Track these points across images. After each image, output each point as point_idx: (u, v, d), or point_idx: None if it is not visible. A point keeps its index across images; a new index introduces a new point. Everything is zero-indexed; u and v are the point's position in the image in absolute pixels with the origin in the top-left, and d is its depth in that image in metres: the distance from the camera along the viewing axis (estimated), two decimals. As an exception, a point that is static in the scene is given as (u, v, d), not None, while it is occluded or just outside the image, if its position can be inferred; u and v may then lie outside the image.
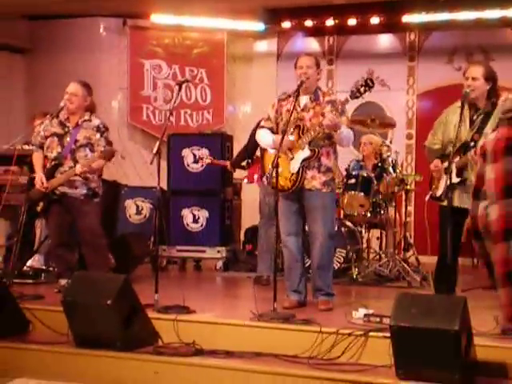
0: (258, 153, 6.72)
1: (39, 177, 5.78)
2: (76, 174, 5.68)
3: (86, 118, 5.83)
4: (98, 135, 5.79)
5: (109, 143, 5.81)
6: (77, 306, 4.58)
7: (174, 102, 5.72)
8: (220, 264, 7.71)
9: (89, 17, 9.13)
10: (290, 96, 5.24)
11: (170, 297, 5.20)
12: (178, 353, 4.46)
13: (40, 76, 9.33)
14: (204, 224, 7.76)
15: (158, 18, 9.06)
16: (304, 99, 5.22)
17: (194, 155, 7.79)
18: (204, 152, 7.58)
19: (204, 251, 7.72)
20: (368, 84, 4.92)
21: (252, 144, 6.83)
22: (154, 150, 5.22)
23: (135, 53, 9.35)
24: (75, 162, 5.73)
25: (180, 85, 5.68)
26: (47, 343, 4.72)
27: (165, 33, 9.38)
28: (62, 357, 4.61)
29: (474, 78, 4.67)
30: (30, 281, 6.29)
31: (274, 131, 5.26)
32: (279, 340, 4.50)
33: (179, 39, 9.45)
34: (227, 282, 7.22)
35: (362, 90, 4.94)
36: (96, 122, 5.85)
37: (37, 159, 5.90)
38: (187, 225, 7.80)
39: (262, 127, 5.36)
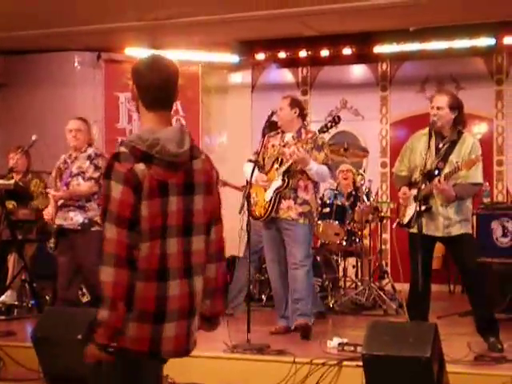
0: None
1: (47, 210, 5.78)
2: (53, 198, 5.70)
3: (83, 150, 5.80)
4: (87, 162, 5.74)
5: (97, 168, 5.69)
6: (47, 342, 4.50)
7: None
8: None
9: (63, 51, 9.12)
10: (278, 133, 5.63)
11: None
12: (151, 387, 4.40)
13: (15, 110, 9.28)
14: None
15: (133, 51, 9.08)
16: (288, 136, 5.55)
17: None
18: None
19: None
20: (335, 120, 5.35)
21: None
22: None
23: (110, 86, 9.34)
24: None
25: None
26: (18, 380, 4.67)
27: (139, 66, 9.40)
28: (33, 394, 4.55)
29: (438, 108, 4.71)
30: (3, 317, 6.22)
31: (258, 163, 5.50)
32: (253, 371, 4.48)
33: (154, 72, 9.47)
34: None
35: (329, 125, 5.34)
36: (89, 150, 5.81)
37: None
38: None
39: (250, 160, 5.58)
